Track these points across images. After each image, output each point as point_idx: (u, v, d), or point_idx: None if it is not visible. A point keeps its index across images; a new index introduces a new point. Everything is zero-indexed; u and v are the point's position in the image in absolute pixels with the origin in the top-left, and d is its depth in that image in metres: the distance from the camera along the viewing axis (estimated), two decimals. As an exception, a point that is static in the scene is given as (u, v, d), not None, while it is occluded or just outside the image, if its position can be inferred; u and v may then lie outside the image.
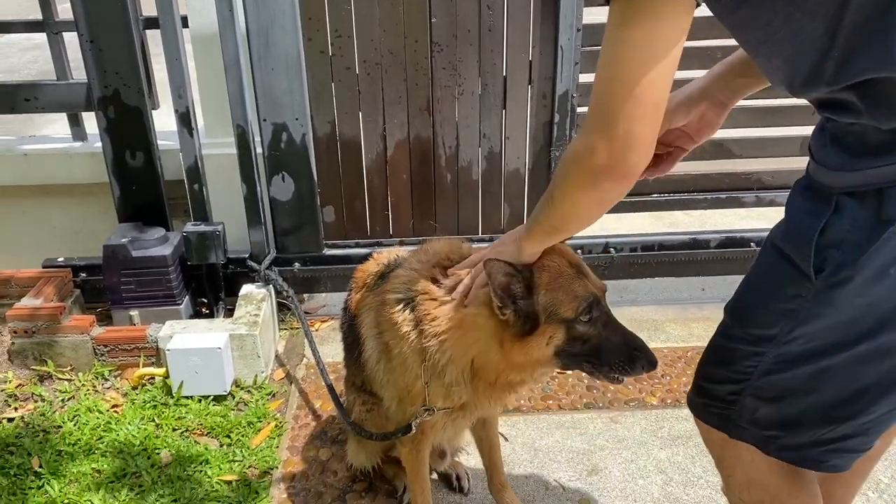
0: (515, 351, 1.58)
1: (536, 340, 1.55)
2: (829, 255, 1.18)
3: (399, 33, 2.79)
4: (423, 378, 1.71)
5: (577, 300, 1.54)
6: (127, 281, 2.84)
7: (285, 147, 2.88)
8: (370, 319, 1.89)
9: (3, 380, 2.68)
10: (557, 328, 1.55)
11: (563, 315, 1.54)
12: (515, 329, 1.56)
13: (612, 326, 1.59)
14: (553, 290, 1.55)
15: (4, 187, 3.25)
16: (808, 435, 1.33)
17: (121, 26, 2.77)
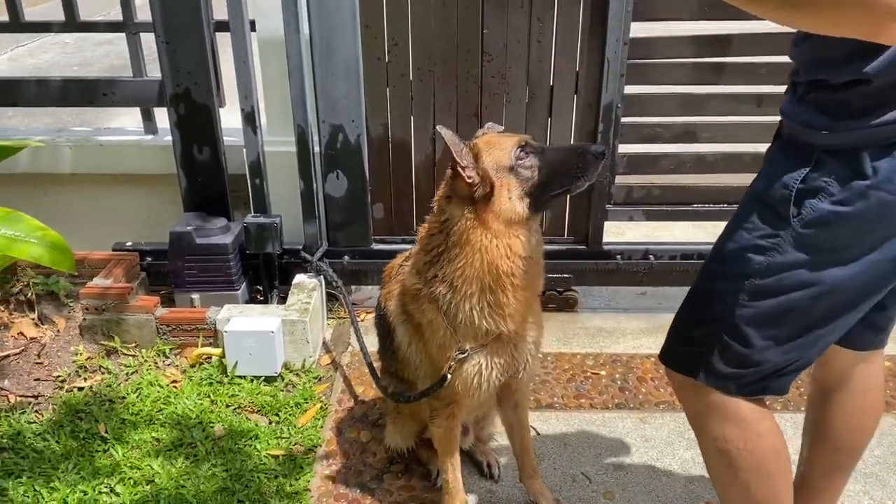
0: (492, 219, 1.77)
1: (500, 198, 1.77)
2: (807, 203, 1.39)
3: (452, 43, 2.94)
4: (448, 324, 1.88)
5: (507, 151, 1.80)
6: (190, 266, 3.05)
7: (341, 147, 3.05)
8: (394, 306, 2.10)
9: (75, 352, 2.90)
10: (508, 179, 1.78)
11: (505, 165, 1.78)
12: (479, 192, 1.77)
13: (550, 151, 1.84)
14: (490, 150, 1.81)
15: (81, 175, 3.50)
16: (770, 367, 1.54)
17: (194, 29, 2.96)
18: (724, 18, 2.94)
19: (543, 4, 2.87)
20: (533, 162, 1.80)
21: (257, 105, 2.99)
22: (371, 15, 2.91)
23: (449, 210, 1.84)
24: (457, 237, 1.82)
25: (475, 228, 1.79)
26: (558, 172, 1.79)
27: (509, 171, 1.78)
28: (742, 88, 3.05)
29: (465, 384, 1.96)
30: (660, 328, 3.23)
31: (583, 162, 1.78)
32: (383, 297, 2.21)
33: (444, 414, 2.07)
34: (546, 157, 1.81)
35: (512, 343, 1.95)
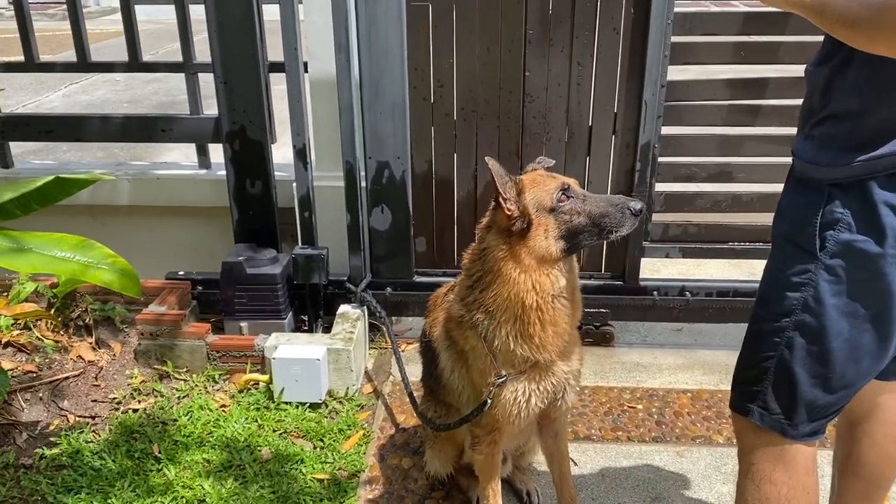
0: (525, 254, 1.84)
1: (536, 236, 1.84)
2: (829, 235, 1.47)
3: (495, 85, 3.07)
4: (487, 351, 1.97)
5: (550, 192, 1.86)
6: (240, 295, 3.18)
7: (386, 182, 3.17)
8: (439, 332, 2.20)
9: (130, 376, 3.03)
10: (547, 219, 1.85)
11: (546, 206, 1.85)
12: (517, 226, 1.84)
13: (591, 200, 1.88)
14: (533, 188, 1.88)
15: (138, 206, 3.67)
16: (821, 406, 1.58)
17: (250, 70, 3.14)
18: (759, 62, 3.05)
19: (583, 49, 2.99)
20: (573, 206, 1.86)
21: (309, 142, 3.14)
22: (418, 58, 3.05)
23: (488, 239, 1.93)
24: (491, 265, 1.91)
25: (507, 260, 1.87)
26: (595, 222, 1.86)
27: (549, 212, 1.85)
28: (777, 130, 3.12)
29: (505, 410, 2.02)
30: (696, 364, 3.28)
31: (620, 216, 1.85)
32: (428, 324, 2.31)
33: (486, 441, 2.14)
34: (586, 205, 1.87)
35: (550, 371, 2.02)
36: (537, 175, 1.96)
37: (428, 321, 2.33)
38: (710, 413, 2.94)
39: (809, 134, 1.52)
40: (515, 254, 1.86)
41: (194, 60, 3.45)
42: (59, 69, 3.78)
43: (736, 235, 3.26)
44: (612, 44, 2.97)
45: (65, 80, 8.10)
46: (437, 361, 2.22)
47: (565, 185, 1.89)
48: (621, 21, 2.94)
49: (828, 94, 1.47)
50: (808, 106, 1.55)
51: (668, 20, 2.88)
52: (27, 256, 2.20)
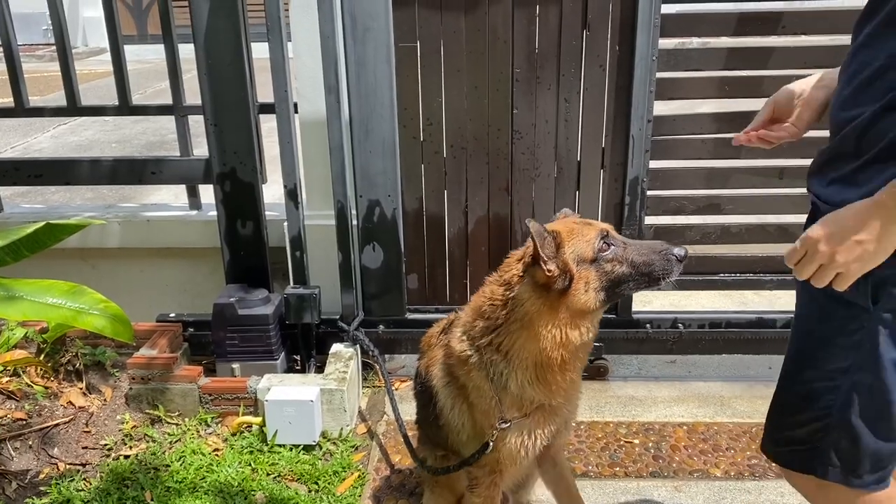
0: (563, 308, 1.80)
1: (576, 289, 1.79)
2: (881, 289, 1.41)
3: (483, 122, 3.10)
4: (494, 393, 1.93)
5: (590, 241, 1.80)
6: (232, 336, 3.16)
7: (377, 220, 3.18)
8: (437, 370, 2.15)
9: (121, 421, 3.00)
10: (588, 271, 1.79)
11: (587, 258, 1.80)
12: (558, 285, 1.79)
13: (633, 246, 1.83)
14: (572, 241, 1.81)
15: (127, 249, 3.67)
16: (886, 459, 1.55)
17: (240, 112, 3.15)
18: (743, 96, 3.10)
19: (570, 86, 3.03)
20: (615, 255, 1.80)
21: (299, 182, 3.15)
22: (407, 97, 3.08)
23: (519, 290, 1.86)
24: (521, 316, 1.86)
25: (542, 315, 1.82)
26: (640, 272, 1.80)
27: (590, 264, 1.80)
28: (764, 162, 3.16)
29: (511, 453, 2.00)
30: (690, 396, 3.27)
31: (665, 263, 1.80)
32: (423, 365, 2.27)
33: (486, 483, 2.10)
34: (628, 254, 1.81)
35: (556, 413, 2.00)
36: (573, 224, 1.88)
37: (423, 362, 2.29)
38: (707, 446, 2.93)
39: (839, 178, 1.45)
40: (552, 308, 1.81)
41: (184, 103, 3.47)
42: (48, 114, 3.80)
43: (726, 266, 3.28)
44: (599, 80, 3.02)
45: (54, 120, 8.12)
46: (435, 400, 2.17)
47: (604, 232, 1.83)
48: (607, 58, 2.98)
49: (871, 139, 1.39)
50: (837, 150, 1.48)
51: (653, 57, 2.93)
52: (18, 304, 2.19)
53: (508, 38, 3.00)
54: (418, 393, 2.32)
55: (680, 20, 3.01)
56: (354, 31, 2.94)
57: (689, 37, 3.20)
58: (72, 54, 3.46)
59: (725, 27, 2.99)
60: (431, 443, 2.34)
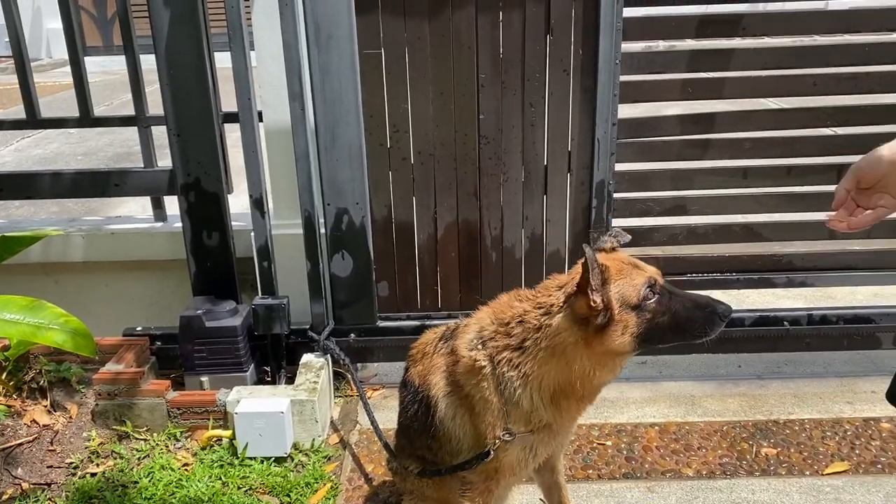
0: (599, 347, 1.78)
1: (615, 332, 1.76)
2: None
3: (450, 128, 3.09)
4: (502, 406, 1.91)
5: (637, 287, 1.77)
6: (200, 349, 3.11)
7: (346, 228, 3.16)
8: (438, 379, 2.08)
9: (87, 438, 2.94)
10: (629, 316, 1.77)
11: (631, 302, 1.77)
12: (599, 320, 1.76)
13: (677, 298, 1.79)
14: (619, 281, 1.78)
15: (92, 262, 3.60)
16: None
17: (204, 122, 3.11)
18: (706, 98, 3.13)
19: (535, 91, 3.04)
20: (658, 306, 1.77)
21: (265, 191, 3.12)
22: (373, 105, 3.07)
23: (557, 318, 1.84)
24: (553, 345, 1.84)
25: (577, 349, 1.81)
26: (681, 326, 1.77)
27: (632, 309, 1.77)
28: (728, 163, 3.20)
29: (511, 465, 1.99)
30: (662, 397, 3.29)
31: (709, 323, 1.76)
32: (417, 374, 2.18)
33: (481, 489, 2.06)
34: (672, 305, 1.78)
35: (560, 431, 2.00)
36: (623, 263, 1.85)
37: (416, 371, 2.19)
38: (679, 446, 2.94)
39: None
40: (589, 344, 1.79)
41: (147, 113, 3.43)
42: (7, 127, 3.73)
43: (693, 267, 3.31)
44: (563, 85, 3.03)
45: (17, 133, 7.97)
46: (433, 410, 2.08)
47: (652, 281, 1.79)
48: (570, 62, 3.00)
49: None
50: None
51: (616, 60, 2.95)
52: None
53: (473, 43, 3.00)
54: (408, 402, 2.22)
55: (642, 24, 3.03)
56: (318, 39, 2.92)
57: (651, 40, 3.23)
58: (30, 66, 3.40)
59: (687, 30, 3.02)
60: (413, 454, 2.27)
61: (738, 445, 2.93)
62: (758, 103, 3.16)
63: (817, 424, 3.04)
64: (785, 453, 2.88)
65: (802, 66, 3.03)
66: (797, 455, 2.87)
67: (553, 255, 3.28)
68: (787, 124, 3.16)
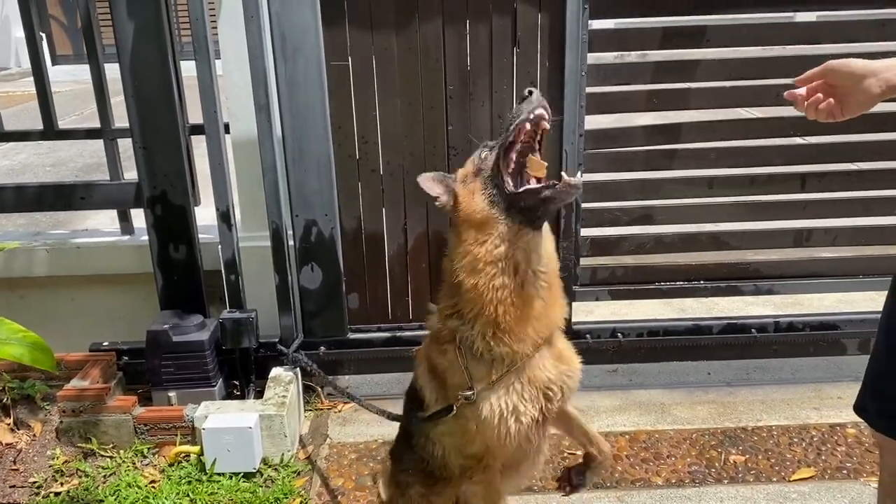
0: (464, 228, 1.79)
1: (462, 200, 1.79)
2: None
3: (419, 139, 3.09)
4: (463, 363, 1.85)
5: (472, 158, 1.86)
6: (167, 364, 3.08)
7: (315, 240, 3.15)
8: (422, 367, 2.05)
9: (52, 456, 2.89)
10: (474, 183, 1.79)
11: (469, 171, 1.83)
12: (446, 206, 1.84)
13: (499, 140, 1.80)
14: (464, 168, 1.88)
15: (57, 277, 3.55)
16: None
17: (170, 134, 3.09)
18: (672, 109, 3.16)
19: (503, 102, 3.05)
20: (488, 153, 1.80)
21: (232, 204, 3.09)
22: (341, 115, 3.06)
23: (449, 248, 1.88)
24: (452, 259, 1.84)
25: (455, 246, 1.81)
26: (505, 141, 1.75)
27: (475, 176, 1.80)
28: (694, 172, 3.23)
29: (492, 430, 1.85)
30: (632, 405, 3.30)
31: (522, 104, 1.74)
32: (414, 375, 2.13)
33: (479, 468, 1.97)
34: (497, 146, 1.79)
35: (531, 375, 1.84)
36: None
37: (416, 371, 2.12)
38: (649, 454, 2.96)
39: None
40: (457, 231, 1.81)
41: (113, 126, 3.39)
42: (-31, 139, 3.67)
43: (661, 275, 3.33)
44: (531, 96, 3.04)
45: (-17, 145, 7.84)
46: (421, 396, 2.03)
47: (486, 143, 1.84)
48: (538, 74, 3.01)
49: None
50: None
51: (583, 72, 2.97)
52: (-72, 340, 2.10)
53: (440, 55, 3.00)
54: (409, 401, 2.17)
55: (607, 36, 3.06)
56: (284, 50, 2.91)
57: (617, 51, 3.25)
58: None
59: (652, 42, 3.04)
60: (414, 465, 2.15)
61: (707, 453, 2.95)
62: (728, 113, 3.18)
63: (785, 431, 3.07)
64: (753, 460, 2.90)
65: (767, 76, 3.07)
66: (765, 462, 2.89)
67: (523, 265, 3.28)
68: (751, 134, 3.20)
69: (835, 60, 1.58)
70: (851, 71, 1.54)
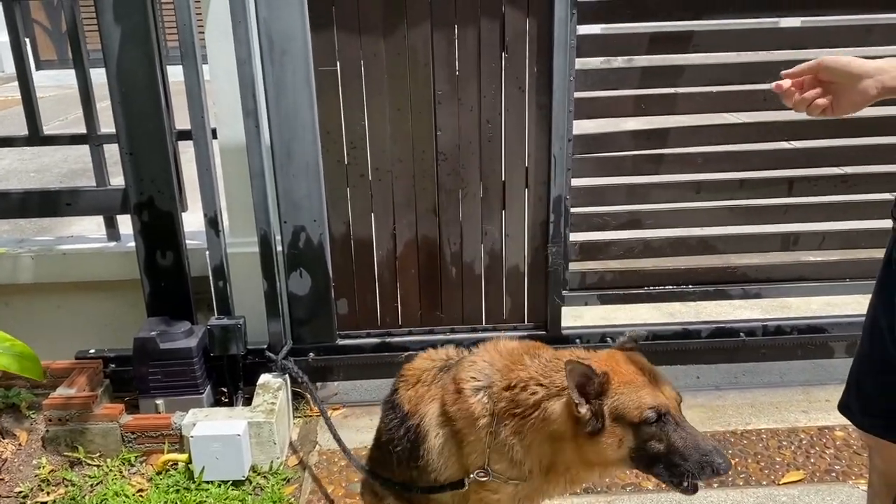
0: (587, 448, 1.74)
1: (608, 441, 1.71)
2: None
3: (408, 144, 3.09)
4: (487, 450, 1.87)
5: (641, 407, 1.69)
6: (154, 371, 3.05)
7: (303, 246, 3.13)
8: (433, 410, 1.99)
9: (37, 466, 2.85)
10: (626, 431, 1.70)
11: (629, 419, 1.69)
12: (588, 428, 1.72)
13: (682, 433, 1.71)
14: (622, 394, 1.70)
15: (43, 283, 3.51)
16: None
17: (157, 139, 3.07)
18: (660, 114, 3.17)
19: (492, 108, 3.05)
20: (658, 431, 1.70)
21: (220, 210, 3.07)
22: (329, 121, 3.05)
23: (553, 407, 1.79)
24: (549, 429, 1.79)
25: (566, 443, 1.78)
26: (672, 461, 1.70)
27: (629, 426, 1.71)
28: (682, 177, 3.24)
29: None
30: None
31: (700, 469, 1.69)
32: (408, 399, 2.07)
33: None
34: (672, 437, 1.70)
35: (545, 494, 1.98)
36: (637, 374, 1.75)
37: (406, 394, 2.08)
38: (639, 459, 2.96)
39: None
40: (578, 445, 1.76)
41: (99, 131, 3.36)
42: (-47, 145, 3.62)
43: (650, 280, 3.34)
44: (519, 101, 3.05)
45: (-33, 150, 7.77)
46: (423, 440, 2.00)
47: (663, 410, 1.70)
48: (526, 79, 3.02)
49: None
50: None
51: (571, 77, 2.98)
52: (-88, 349, 2.07)
53: (429, 60, 3.00)
54: (394, 426, 2.10)
55: (596, 41, 3.07)
56: (272, 55, 2.90)
57: (605, 56, 3.26)
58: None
59: (639, 47, 3.06)
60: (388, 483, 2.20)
61: (696, 457, 2.95)
62: (715, 117, 3.20)
63: (774, 434, 3.09)
64: (742, 463, 2.91)
65: (753, 81, 3.09)
66: (754, 465, 2.90)
67: (512, 269, 3.28)
68: (738, 139, 3.22)
69: (829, 57, 1.56)
70: (850, 70, 1.52)
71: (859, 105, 1.55)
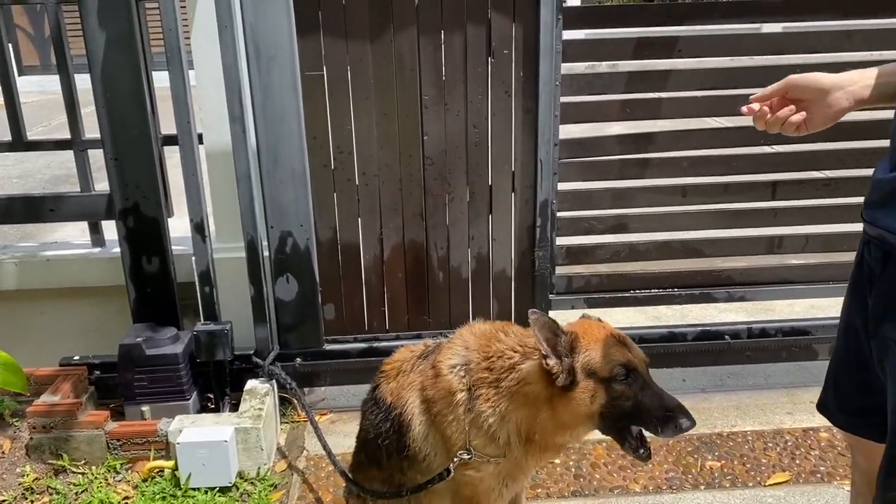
0: (561, 409, 1.79)
1: (581, 396, 1.77)
2: None
3: (394, 149, 3.09)
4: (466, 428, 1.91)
5: (611, 362, 1.76)
6: (140, 378, 3.03)
7: (290, 251, 3.12)
8: (414, 397, 2.05)
9: (21, 474, 2.82)
10: (598, 386, 1.76)
11: (599, 373, 1.76)
12: (561, 381, 1.77)
13: (648, 390, 1.79)
14: (592, 350, 1.78)
15: (26, 290, 3.48)
16: None
17: (142, 145, 3.05)
18: (645, 118, 3.20)
19: (478, 112, 3.06)
20: (627, 389, 1.77)
21: (206, 215, 3.06)
22: (316, 125, 3.05)
23: (528, 364, 1.85)
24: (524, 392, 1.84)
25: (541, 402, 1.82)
26: (639, 416, 1.78)
27: (600, 381, 1.77)
28: (667, 181, 3.27)
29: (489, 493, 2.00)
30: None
31: (664, 425, 1.76)
32: (390, 392, 2.13)
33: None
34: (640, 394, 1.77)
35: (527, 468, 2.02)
36: (608, 335, 1.83)
37: (388, 387, 2.13)
38: (626, 462, 2.97)
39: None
40: (552, 403, 1.81)
41: (83, 136, 3.34)
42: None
43: (636, 284, 3.35)
44: (505, 106, 3.06)
45: (-52, 156, 7.69)
46: (407, 429, 2.04)
47: (631, 365, 1.78)
48: (512, 84, 3.03)
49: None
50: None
51: (557, 82, 3.00)
52: None
53: (415, 65, 3.01)
54: (378, 421, 2.14)
55: (581, 46, 3.09)
56: (258, 60, 2.90)
57: (590, 61, 3.28)
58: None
59: (625, 52, 3.08)
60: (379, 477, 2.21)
61: (683, 459, 2.97)
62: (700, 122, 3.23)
63: (759, 436, 3.11)
64: (729, 466, 2.93)
65: (737, 86, 3.12)
66: (740, 467, 2.92)
67: (499, 273, 3.29)
68: (723, 143, 3.25)
69: (796, 75, 1.57)
70: (820, 85, 1.54)
71: (832, 118, 1.56)
